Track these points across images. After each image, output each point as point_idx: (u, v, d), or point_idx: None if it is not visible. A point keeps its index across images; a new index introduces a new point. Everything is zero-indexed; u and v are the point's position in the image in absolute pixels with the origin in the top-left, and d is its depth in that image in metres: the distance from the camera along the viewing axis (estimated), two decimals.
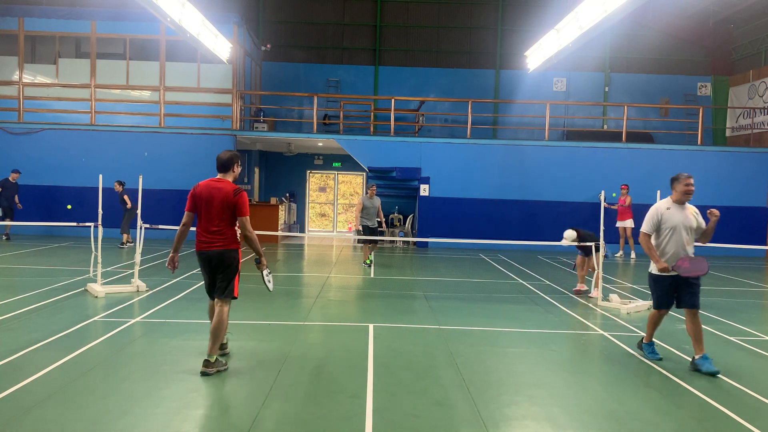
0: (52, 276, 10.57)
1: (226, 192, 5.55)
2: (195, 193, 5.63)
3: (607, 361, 6.43)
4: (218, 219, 5.55)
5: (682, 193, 6.18)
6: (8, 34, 18.49)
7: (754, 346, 7.15)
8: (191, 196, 5.63)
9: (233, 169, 5.77)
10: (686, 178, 6.19)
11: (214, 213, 5.54)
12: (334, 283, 11.09)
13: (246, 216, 5.59)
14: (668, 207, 6.22)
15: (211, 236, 5.56)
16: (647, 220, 6.30)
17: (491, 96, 23.01)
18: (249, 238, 5.55)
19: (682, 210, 6.21)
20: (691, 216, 6.19)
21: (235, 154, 5.80)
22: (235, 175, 5.79)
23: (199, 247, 5.61)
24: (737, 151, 19.02)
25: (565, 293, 10.45)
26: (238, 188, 5.59)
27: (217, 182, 5.66)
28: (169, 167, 17.92)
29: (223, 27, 17.09)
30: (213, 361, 5.43)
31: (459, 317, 8.32)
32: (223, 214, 5.55)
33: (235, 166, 5.77)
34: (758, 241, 18.06)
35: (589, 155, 18.54)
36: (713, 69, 23.23)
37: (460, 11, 23.44)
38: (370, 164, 18.76)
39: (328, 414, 4.60)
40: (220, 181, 5.68)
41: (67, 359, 5.74)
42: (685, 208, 6.22)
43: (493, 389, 5.31)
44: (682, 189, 6.18)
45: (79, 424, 4.28)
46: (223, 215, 5.55)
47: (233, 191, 5.55)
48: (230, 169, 5.76)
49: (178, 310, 8.12)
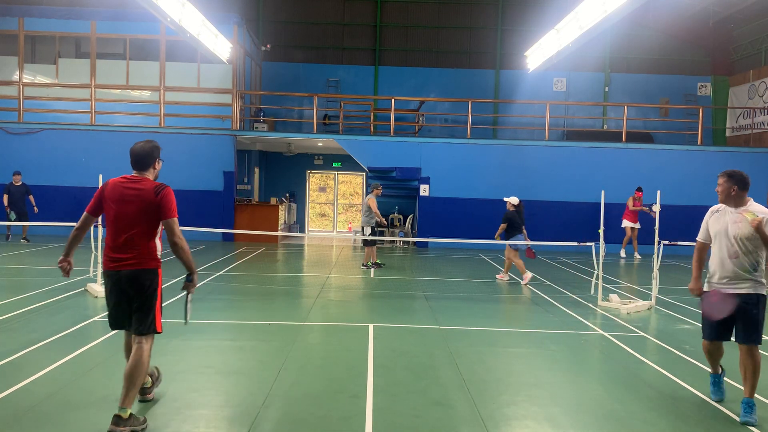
0: (52, 276, 10.56)
1: (146, 192, 4.39)
2: (104, 193, 4.49)
3: (607, 361, 6.43)
4: (131, 229, 4.36)
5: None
6: (8, 34, 18.49)
7: None
8: (97, 197, 4.54)
9: (154, 166, 4.64)
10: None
11: (126, 222, 4.35)
12: (334, 283, 11.08)
13: (174, 218, 4.42)
14: (717, 210, 5.04)
15: (121, 252, 4.36)
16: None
17: (491, 96, 23.01)
18: (178, 246, 4.38)
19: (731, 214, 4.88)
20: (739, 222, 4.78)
21: (155, 146, 4.68)
22: (156, 172, 4.67)
23: (107, 266, 4.41)
24: (737, 151, 19.03)
25: (565, 293, 10.45)
26: (160, 185, 4.49)
27: (132, 182, 4.46)
28: (169, 167, 17.69)
29: (223, 27, 17.09)
30: (126, 417, 4.09)
31: (459, 317, 8.32)
32: (140, 222, 4.37)
33: (156, 162, 4.66)
34: None
35: (589, 155, 18.54)
36: (713, 69, 23.24)
37: (460, 11, 23.44)
38: (370, 164, 18.76)
39: (328, 414, 4.60)
40: (138, 180, 4.48)
41: (67, 359, 5.73)
42: (737, 211, 4.85)
43: (493, 389, 5.30)
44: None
45: (79, 424, 4.28)
46: (139, 224, 4.37)
47: (154, 189, 4.41)
48: (150, 165, 4.61)
49: (178, 310, 8.10)
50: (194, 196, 18.08)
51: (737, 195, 4.87)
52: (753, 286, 4.73)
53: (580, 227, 17.01)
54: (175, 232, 4.39)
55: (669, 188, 17.40)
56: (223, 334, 7.14)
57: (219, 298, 9.32)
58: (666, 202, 10.35)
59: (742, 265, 4.74)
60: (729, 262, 4.79)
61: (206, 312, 8.13)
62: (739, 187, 4.86)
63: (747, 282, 4.73)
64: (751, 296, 4.73)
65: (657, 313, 8.99)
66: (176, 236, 4.38)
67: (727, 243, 4.80)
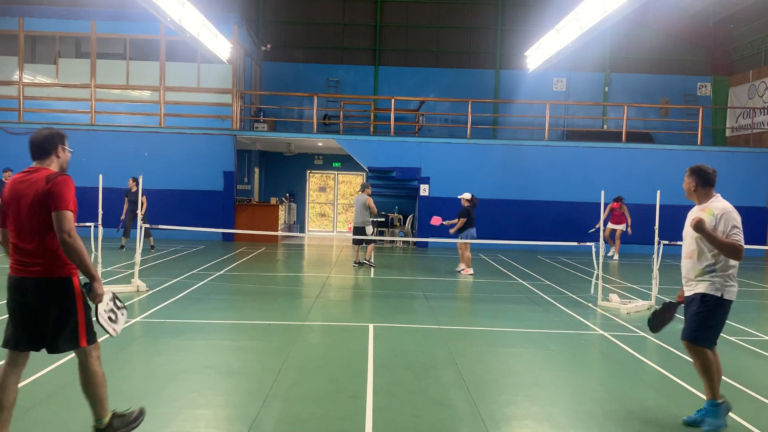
0: None
1: (38, 182, 3.64)
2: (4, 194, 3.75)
3: (607, 361, 6.43)
4: (31, 228, 3.65)
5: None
6: (8, 34, 18.49)
7: (754, 346, 7.14)
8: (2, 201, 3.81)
9: (57, 154, 3.83)
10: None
11: (24, 220, 3.66)
12: (334, 283, 11.08)
13: (63, 211, 3.59)
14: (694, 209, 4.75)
15: (24, 256, 3.66)
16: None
17: (491, 96, 23.01)
18: (68, 246, 3.57)
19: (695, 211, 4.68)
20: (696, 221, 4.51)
21: (56, 132, 3.87)
22: (61, 161, 3.87)
23: (12, 270, 3.74)
24: (737, 151, 19.03)
25: (565, 293, 10.45)
26: (56, 172, 3.73)
27: (26, 173, 3.75)
28: (169, 167, 17.92)
29: (223, 27, 17.09)
30: (106, 424, 3.87)
31: (459, 317, 8.32)
32: (38, 219, 3.63)
33: (59, 149, 3.84)
34: (758, 241, 18.06)
35: (589, 155, 18.54)
36: (713, 69, 23.24)
37: (460, 11, 23.44)
38: (370, 164, 18.76)
39: (327, 414, 4.60)
40: (33, 170, 3.75)
41: (67, 359, 5.72)
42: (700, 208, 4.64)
43: (493, 389, 5.30)
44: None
45: (79, 424, 4.28)
46: (38, 221, 3.63)
47: (46, 176, 3.65)
48: (50, 153, 3.80)
49: (178, 310, 8.12)
50: (194, 196, 18.09)
51: (699, 191, 4.65)
52: (706, 287, 4.48)
53: (580, 227, 17.00)
54: (63, 228, 3.56)
55: (669, 188, 17.32)
56: (223, 334, 7.14)
57: (219, 298, 9.32)
58: (666, 202, 10.34)
59: (699, 266, 4.53)
60: (686, 262, 4.66)
61: (206, 312, 8.13)
62: (700, 183, 4.64)
63: (702, 284, 4.50)
64: (697, 295, 4.53)
65: None
66: (65, 232, 3.55)
67: (686, 242, 4.66)
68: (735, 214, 4.47)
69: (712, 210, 4.50)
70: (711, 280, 4.47)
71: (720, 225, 4.42)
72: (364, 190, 13.49)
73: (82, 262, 3.63)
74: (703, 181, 4.64)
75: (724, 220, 4.43)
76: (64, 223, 3.57)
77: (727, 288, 4.45)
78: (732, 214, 4.46)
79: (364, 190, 13.50)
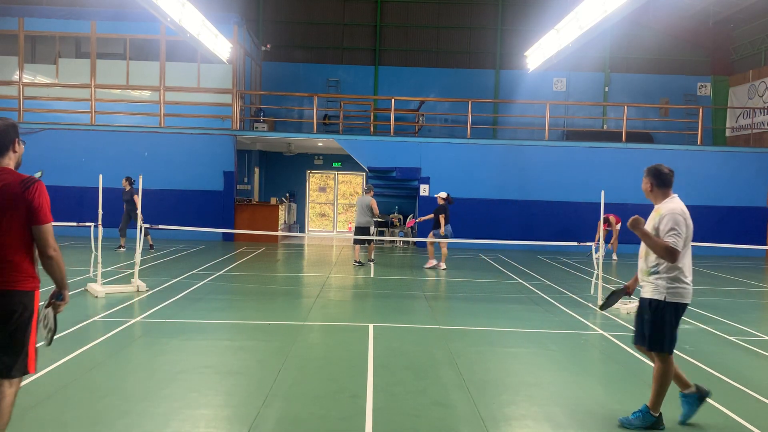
0: None
1: (9, 186, 3.30)
2: None
3: (607, 361, 6.43)
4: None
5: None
6: (8, 34, 18.49)
7: (754, 346, 7.14)
8: None
9: (13, 149, 3.46)
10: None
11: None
12: (334, 283, 11.08)
13: (47, 224, 3.36)
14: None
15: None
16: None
17: (491, 96, 23.01)
18: (53, 261, 3.38)
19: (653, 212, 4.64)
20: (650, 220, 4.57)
21: (11, 124, 3.49)
22: (18, 156, 3.51)
23: None
24: (737, 151, 19.03)
25: (566, 293, 10.45)
26: (29, 178, 3.37)
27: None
28: (169, 167, 17.92)
29: (223, 27, 17.09)
30: None
31: (459, 317, 8.32)
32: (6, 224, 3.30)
33: (15, 143, 3.47)
34: (758, 241, 18.05)
35: (589, 155, 18.54)
36: (713, 69, 23.23)
37: (460, 11, 23.44)
38: (370, 164, 18.76)
39: (327, 414, 4.60)
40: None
41: (67, 359, 5.73)
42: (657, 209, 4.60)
43: (493, 389, 5.30)
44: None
45: (79, 424, 4.28)
46: (7, 227, 3.30)
47: (21, 182, 3.31)
48: (8, 148, 3.43)
49: (178, 310, 8.12)
50: (194, 196, 18.09)
51: (656, 192, 4.61)
52: (651, 291, 4.46)
53: (580, 227, 17.01)
54: (51, 244, 3.35)
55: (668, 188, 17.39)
56: (223, 334, 7.14)
57: (219, 298, 9.32)
58: None
59: (645, 266, 4.53)
60: (639, 261, 4.62)
61: (206, 312, 8.14)
62: (656, 184, 4.60)
63: (649, 285, 4.49)
64: (644, 300, 4.51)
65: None
66: (52, 248, 3.35)
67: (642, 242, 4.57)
68: (680, 217, 4.38)
69: (661, 210, 4.48)
70: (655, 283, 4.44)
71: (661, 225, 4.39)
72: (369, 191, 13.94)
73: (62, 275, 3.44)
74: (659, 181, 4.60)
75: (665, 221, 4.38)
76: (50, 238, 3.36)
77: (670, 291, 4.39)
78: (676, 216, 4.38)
79: (369, 191, 13.94)
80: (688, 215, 4.45)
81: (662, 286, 4.40)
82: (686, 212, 4.45)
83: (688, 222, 4.42)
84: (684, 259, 4.40)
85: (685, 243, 4.38)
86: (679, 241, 4.32)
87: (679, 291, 4.40)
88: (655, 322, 4.44)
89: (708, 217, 17.99)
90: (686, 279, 4.42)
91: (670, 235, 4.32)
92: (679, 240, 4.32)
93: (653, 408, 4.48)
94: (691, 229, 4.44)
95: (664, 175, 4.60)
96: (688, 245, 4.43)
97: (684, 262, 4.40)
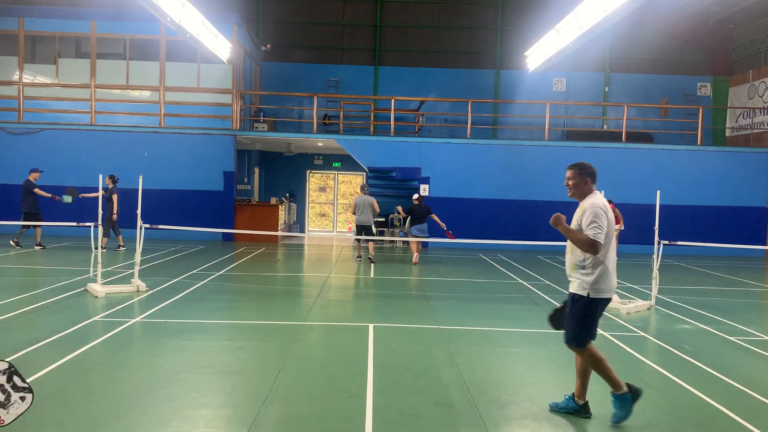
0: (52, 276, 10.57)
1: None
2: None
3: (607, 361, 6.42)
4: None
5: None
6: (8, 34, 18.50)
7: (754, 346, 7.14)
8: None
9: None
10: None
11: None
12: (334, 283, 11.08)
13: None
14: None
15: None
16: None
17: (491, 96, 23.01)
18: None
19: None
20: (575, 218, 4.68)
21: None
22: None
23: None
24: (737, 151, 19.02)
25: (565, 293, 10.43)
26: None
27: None
28: (169, 167, 17.93)
29: (223, 27, 17.10)
30: None
31: (459, 317, 8.32)
32: None
33: None
34: (758, 241, 18.05)
35: (589, 155, 18.46)
36: (713, 69, 23.24)
37: (460, 11, 23.44)
38: (370, 164, 18.76)
39: (328, 414, 4.60)
40: None
41: (67, 359, 5.73)
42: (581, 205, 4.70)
43: (493, 389, 5.30)
44: None
45: (79, 424, 4.28)
46: None
47: None
48: None
49: (178, 310, 8.12)
50: (194, 196, 18.09)
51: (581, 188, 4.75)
52: (576, 286, 4.56)
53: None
54: None
55: (669, 188, 17.42)
56: (223, 334, 7.14)
57: (219, 298, 9.32)
58: (666, 202, 10.35)
59: (571, 261, 4.62)
60: (566, 257, 4.74)
61: (206, 312, 8.14)
62: (591, 180, 4.74)
63: (575, 281, 4.58)
64: (569, 294, 4.64)
65: (657, 313, 8.99)
66: None
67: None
68: (600, 210, 4.46)
69: (584, 205, 4.59)
70: (580, 279, 4.53)
71: (583, 218, 4.48)
72: (367, 190, 14.56)
73: None
74: (593, 177, 4.73)
75: (587, 215, 4.47)
76: None
77: (594, 287, 4.47)
78: (597, 209, 4.46)
79: (367, 191, 14.57)
80: (609, 210, 4.55)
81: (587, 282, 4.48)
82: (607, 207, 4.55)
83: (609, 216, 4.50)
84: (609, 255, 4.49)
85: (607, 237, 4.46)
86: (600, 234, 4.39)
87: (602, 287, 4.48)
88: (575, 314, 4.56)
89: (708, 217, 18.00)
90: (611, 275, 4.52)
91: (591, 228, 4.40)
92: (600, 232, 4.39)
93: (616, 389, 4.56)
94: (612, 224, 4.51)
95: (589, 171, 4.75)
96: (610, 240, 4.51)
97: (608, 256, 4.49)
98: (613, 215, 4.57)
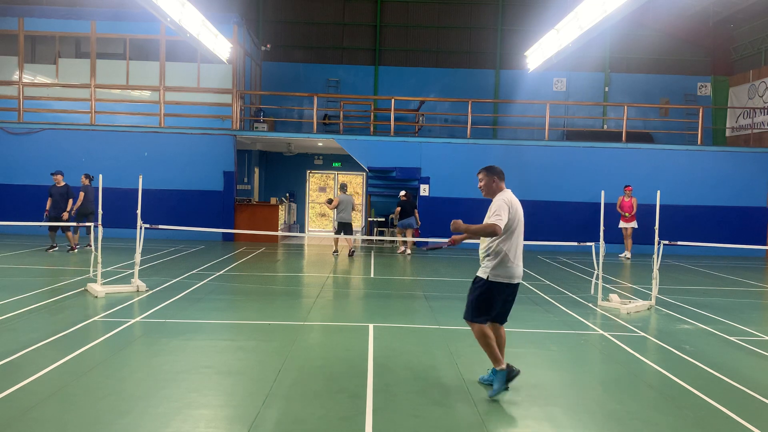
0: (52, 276, 10.57)
1: None
2: None
3: (607, 361, 6.43)
4: None
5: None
6: (8, 34, 18.50)
7: (754, 346, 7.14)
8: None
9: None
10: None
11: None
12: (333, 283, 11.09)
13: None
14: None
15: None
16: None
17: (491, 96, 23.01)
18: None
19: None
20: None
21: None
22: None
23: None
24: (737, 151, 19.02)
25: (565, 293, 10.45)
26: None
27: None
28: (169, 167, 17.92)
29: (223, 27, 17.10)
30: None
31: (459, 317, 8.29)
32: None
33: None
34: (758, 241, 18.05)
35: (589, 155, 18.54)
36: (713, 69, 23.24)
37: (460, 11, 23.44)
38: (370, 164, 18.76)
39: (328, 414, 4.60)
40: None
41: (67, 359, 5.73)
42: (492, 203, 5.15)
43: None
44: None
45: (79, 424, 4.28)
46: None
47: None
48: None
49: (178, 310, 8.12)
50: (194, 196, 18.09)
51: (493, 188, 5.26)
52: (481, 271, 5.13)
53: (580, 227, 17.01)
54: None
55: (669, 188, 17.42)
56: (223, 334, 7.14)
57: (219, 298, 9.32)
58: (666, 202, 10.35)
59: (481, 248, 5.17)
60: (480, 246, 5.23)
61: (206, 312, 8.14)
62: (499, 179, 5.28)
63: (482, 268, 5.13)
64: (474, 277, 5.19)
65: (657, 313, 8.99)
66: None
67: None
68: (504, 203, 5.00)
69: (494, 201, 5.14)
70: (485, 265, 5.10)
71: (489, 211, 5.01)
72: (347, 190, 15.76)
73: None
74: (501, 177, 5.29)
75: (492, 207, 5.03)
76: None
77: (493, 272, 5.02)
78: (500, 202, 5.01)
79: (347, 190, 15.75)
80: (516, 204, 5.08)
81: (489, 267, 5.06)
82: (513, 201, 5.08)
83: (514, 208, 5.03)
84: (511, 244, 5.02)
85: (512, 227, 5.00)
86: (499, 219, 4.89)
87: (500, 273, 5.02)
88: (473, 293, 5.15)
89: (708, 217, 18.00)
90: (512, 263, 5.04)
91: (492, 216, 4.93)
92: (499, 218, 4.90)
93: (496, 365, 5.03)
94: (519, 216, 5.06)
95: (502, 172, 5.37)
96: (516, 232, 5.05)
97: (510, 246, 5.01)
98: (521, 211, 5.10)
